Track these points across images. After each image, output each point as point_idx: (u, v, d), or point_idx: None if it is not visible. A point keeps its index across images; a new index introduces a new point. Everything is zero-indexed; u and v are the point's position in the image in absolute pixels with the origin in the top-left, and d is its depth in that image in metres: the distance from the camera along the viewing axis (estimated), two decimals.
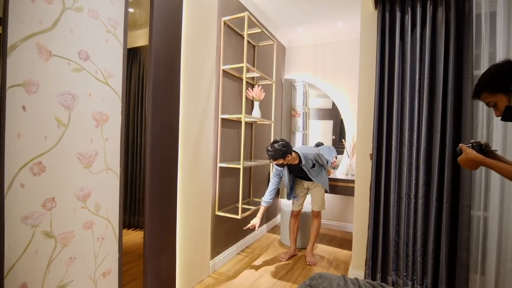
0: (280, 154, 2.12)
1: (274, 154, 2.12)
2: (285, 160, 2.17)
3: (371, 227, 1.99)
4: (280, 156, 2.13)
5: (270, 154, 2.13)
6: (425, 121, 1.81)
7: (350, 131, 3.41)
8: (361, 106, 2.15)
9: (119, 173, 1.34)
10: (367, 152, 2.12)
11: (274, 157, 2.13)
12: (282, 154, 2.13)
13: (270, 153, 2.13)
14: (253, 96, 2.58)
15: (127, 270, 2.19)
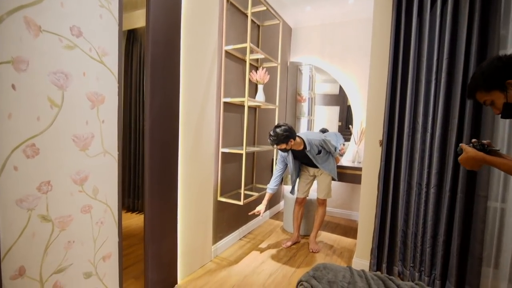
0: (282, 139, 2.06)
1: (276, 138, 2.06)
2: (288, 145, 2.11)
3: (378, 216, 1.93)
4: (282, 141, 2.06)
5: (272, 139, 2.07)
6: (441, 106, 1.70)
7: (358, 117, 3.30)
8: (372, 90, 2.05)
9: (117, 156, 1.30)
10: (377, 139, 2.03)
11: (275, 142, 2.07)
12: (284, 139, 2.06)
13: (272, 138, 2.07)
14: (257, 79, 2.48)
15: (131, 252, 2.21)
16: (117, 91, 1.28)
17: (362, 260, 2.09)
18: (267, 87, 2.86)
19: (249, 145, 2.66)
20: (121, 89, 1.30)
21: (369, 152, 2.08)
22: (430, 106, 1.77)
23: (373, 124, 2.04)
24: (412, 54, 1.79)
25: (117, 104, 1.28)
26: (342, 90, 3.45)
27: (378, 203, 1.93)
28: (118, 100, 1.28)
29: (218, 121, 2.16)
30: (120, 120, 1.29)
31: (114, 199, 1.29)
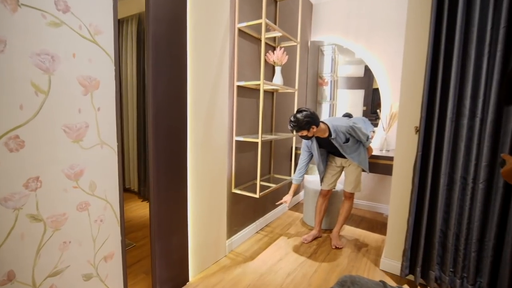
0: (302, 125, 1.86)
1: (296, 124, 1.87)
2: (310, 132, 1.91)
3: (413, 214, 1.70)
4: (302, 127, 1.87)
5: (292, 125, 1.89)
6: (495, 85, 1.41)
7: (386, 101, 2.99)
8: (407, 68, 1.76)
9: (117, 148, 1.17)
10: (412, 125, 1.76)
11: (296, 128, 1.88)
12: (305, 125, 1.87)
13: (292, 124, 1.89)
14: (274, 60, 2.26)
15: (145, 244, 2.15)
16: (113, 74, 1.14)
17: (392, 261, 1.89)
18: (286, 69, 2.63)
19: (265, 133, 2.48)
20: (118, 73, 1.15)
21: (403, 140, 1.82)
22: (480, 86, 1.48)
23: (408, 108, 1.77)
24: (459, 23, 1.49)
25: (114, 90, 1.14)
26: (367, 72, 3.15)
27: (413, 199, 1.69)
28: (115, 85, 1.14)
29: (231, 107, 1.99)
30: (118, 108, 1.16)
31: (114, 195, 1.18)
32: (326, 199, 2.35)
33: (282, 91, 2.55)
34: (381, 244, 2.29)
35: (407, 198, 1.80)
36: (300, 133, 1.92)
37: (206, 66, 1.67)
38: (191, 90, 1.57)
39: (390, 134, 2.86)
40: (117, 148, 1.17)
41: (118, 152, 1.18)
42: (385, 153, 2.64)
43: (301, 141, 3.25)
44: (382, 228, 2.62)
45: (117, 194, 1.19)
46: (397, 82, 2.90)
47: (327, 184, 2.30)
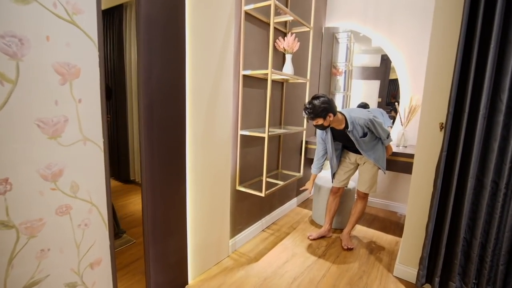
0: (319, 112, 1.70)
1: (312, 111, 1.71)
2: (326, 121, 1.75)
3: (433, 219, 1.53)
4: (318, 114, 1.71)
5: (308, 112, 1.73)
6: None
7: (406, 92, 2.76)
8: (434, 56, 1.55)
9: (103, 144, 1.05)
10: (436, 121, 1.57)
11: (311, 115, 1.72)
12: (322, 112, 1.70)
13: (307, 110, 1.73)
14: (285, 48, 2.07)
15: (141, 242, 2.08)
16: (97, 61, 1.00)
17: (408, 267, 1.73)
18: (297, 57, 2.43)
19: (274, 126, 2.32)
20: (103, 59, 1.01)
21: (425, 137, 1.63)
22: None
23: (432, 102, 1.58)
24: (500, 2, 1.26)
25: (98, 79, 1.01)
26: (384, 62, 2.93)
27: (434, 203, 1.52)
28: (99, 73, 1.01)
29: (236, 98, 1.83)
30: (103, 99, 1.03)
31: (101, 196, 1.07)
32: (337, 197, 2.20)
33: (293, 81, 2.37)
34: (394, 247, 2.14)
35: (427, 202, 1.63)
36: (315, 121, 1.75)
37: (208, 53, 1.52)
38: (190, 78, 1.43)
39: (408, 129, 2.65)
40: (103, 144, 1.05)
41: (105, 149, 1.05)
42: (402, 150, 2.45)
43: (312, 134, 3.09)
44: (396, 229, 2.46)
45: (104, 195, 1.07)
46: (417, 72, 2.66)
47: (339, 181, 2.15)
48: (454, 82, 1.41)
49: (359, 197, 2.11)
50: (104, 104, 1.03)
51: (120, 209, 2.67)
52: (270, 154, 2.34)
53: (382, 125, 1.87)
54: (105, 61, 1.31)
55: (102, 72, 1.01)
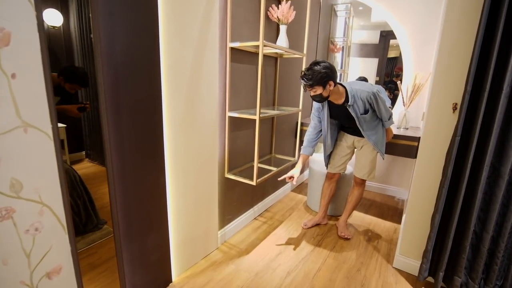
0: (318, 79, 1.48)
1: (311, 77, 1.48)
2: (325, 90, 1.53)
3: (440, 210, 1.39)
4: (318, 81, 1.48)
5: (307, 78, 1.50)
6: None
7: (409, 70, 2.56)
8: (450, 27, 1.34)
9: (51, 131, 0.84)
10: (449, 101, 1.39)
11: (310, 82, 1.49)
12: (321, 79, 1.48)
13: (306, 77, 1.50)
14: (279, 17, 1.82)
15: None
16: (35, 23, 0.77)
17: (408, 259, 1.63)
18: (292, 29, 2.18)
19: (266, 107, 2.11)
20: (42, 20, 0.78)
21: (434, 118, 1.46)
22: None
23: (445, 78, 1.39)
24: None
25: (38, 46, 0.78)
26: (383, 39, 2.74)
27: (443, 193, 1.37)
28: (39, 39, 0.78)
29: (223, 75, 1.61)
30: (48, 74, 0.81)
31: (54, 194, 0.88)
32: (333, 183, 2.05)
33: (288, 56, 2.13)
34: (393, 235, 2.03)
35: (433, 190, 1.49)
36: (314, 90, 1.53)
37: (187, 20, 1.27)
38: (165, 50, 1.20)
39: (410, 110, 2.48)
40: (53, 131, 0.84)
41: (55, 137, 0.85)
42: (403, 132, 2.28)
43: (308, 116, 2.89)
44: (394, 215, 2.36)
45: (59, 192, 0.89)
46: (423, 48, 2.45)
47: (334, 166, 1.98)
48: (474, 56, 1.21)
49: (356, 183, 1.96)
50: (50, 81, 0.81)
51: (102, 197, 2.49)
52: (263, 137, 2.16)
53: (386, 103, 1.67)
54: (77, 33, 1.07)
55: (43, 37, 0.78)
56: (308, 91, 1.56)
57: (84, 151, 1.28)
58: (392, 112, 1.76)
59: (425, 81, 2.30)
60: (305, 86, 1.54)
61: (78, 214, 1.35)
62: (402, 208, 2.52)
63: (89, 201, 1.38)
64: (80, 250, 1.35)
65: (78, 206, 1.35)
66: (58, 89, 0.96)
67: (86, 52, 1.22)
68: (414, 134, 2.20)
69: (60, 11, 1.11)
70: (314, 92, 1.54)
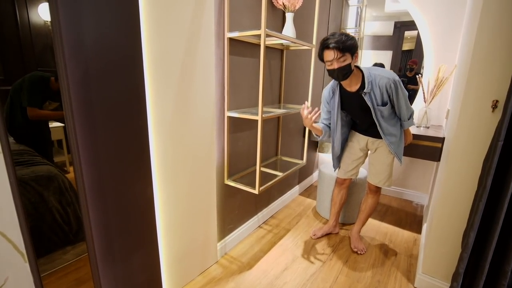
0: (347, 45, 1.28)
1: (341, 41, 1.28)
2: (353, 61, 1.34)
3: (476, 226, 1.18)
4: (350, 48, 1.29)
5: (334, 42, 1.28)
6: None
7: (431, 62, 2.31)
8: (487, 9, 1.11)
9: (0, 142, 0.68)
10: (488, 98, 1.17)
11: (340, 47, 1.28)
12: (353, 47, 1.30)
13: (333, 40, 1.28)
14: (285, 4, 1.62)
15: None
16: None
17: (433, 279, 1.42)
18: (300, 18, 1.97)
19: (272, 105, 1.92)
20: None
21: (468, 119, 1.23)
22: None
23: (483, 71, 1.16)
24: None
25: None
26: (397, 31, 2.55)
27: (480, 207, 1.16)
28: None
29: (221, 69, 1.43)
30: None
31: (8, 217, 0.72)
32: (344, 189, 1.84)
33: (295, 47, 1.93)
34: (413, 247, 1.82)
35: (465, 203, 1.27)
36: (344, 58, 1.30)
37: (175, 5, 1.09)
38: (148, 40, 1.02)
39: (432, 107, 2.24)
40: (1, 142, 0.68)
41: (4, 149, 0.69)
42: (424, 131, 2.06)
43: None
44: (412, 223, 2.14)
45: (14, 214, 0.73)
46: (446, 38, 2.20)
47: (345, 171, 1.76)
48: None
49: (370, 190, 1.74)
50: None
51: None
52: (267, 138, 1.97)
53: (407, 97, 1.45)
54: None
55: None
56: (335, 62, 1.32)
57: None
58: (413, 110, 1.54)
59: (449, 74, 2.06)
60: (334, 50, 1.29)
61: (67, 223, 1.21)
62: (421, 214, 2.30)
63: (80, 208, 1.24)
64: (69, 262, 1.23)
65: (68, 214, 1.22)
66: (58, 94, 0.82)
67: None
68: (436, 134, 1.97)
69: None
70: (343, 61, 1.31)
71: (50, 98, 1.02)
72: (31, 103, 0.98)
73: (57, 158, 1.21)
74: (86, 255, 1.22)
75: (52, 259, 1.21)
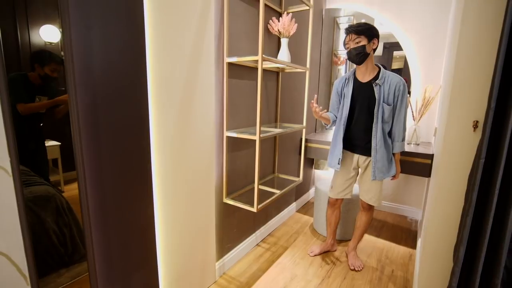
0: (366, 29, 1.50)
1: (358, 26, 1.51)
2: (369, 45, 1.51)
3: (465, 241, 1.22)
4: (365, 31, 1.50)
5: (353, 28, 1.51)
6: None
7: (418, 83, 2.44)
8: (466, 34, 1.22)
9: (10, 166, 0.72)
10: (469, 118, 1.25)
11: (355, 30, 1.50)
12: (369, 31, 1.50)
13: (353, 28, 1.51)
14: (280, 30, 1.72)
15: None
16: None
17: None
18: (294, 42, 2.09)
19: (268, 124, 1.99)
20: (2, 54, 0.67)
21: (452, 138, 1.31)
22: None
23: (464, 93, 1.26)
24: None
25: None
26: (386, 51, 2.66)
27: (467, 222, 1.21)
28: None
29: (220, 92, 1.50)
30: (5, 98, 0.69)
31: (13, 239, 0.74)
32: (337, 209, 1.85)
33: (290, 70, 2.03)
34: (409, 263, 1.85)
35: (454, 217, 1.32)
36: (358, 40, 1.50)
37: (179, 32, 1.17)
38: (153, 66, 1.09)
39: (421, 125, 2.34)
40: (11, 165, 0.72)
41: (14, 172, 0.72)
42: (414, 148, 2.14)
43: (312, 131, 2.76)
44: (408, 238, 2.17)
45: (19, 237, 0.75)
46: (431, 59, 2.34)
47: (337, 191, 1.77)
48: (497, 68, 1.08)
49: (363, 208, 1.77)
50: (8, 106, 0.69)
51: None
52: (265, 156, 2.02)
53: (406, 108, 1.58)
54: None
55: (2, 72, 0.67)
56: (350, 43, 1.52)
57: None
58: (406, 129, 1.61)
59: (435, 94, 2.17)
60: (350, 33, 1.52)
61: (63, 245, 1.21)
62: (416, 229, 2.33)
63: (76, 229, 1.24)
64: (63, 285, 1.22)
65: (64, 236, 1.22)
66: (42, 88, 0.86)
67: None
68: (426, 150, 2.05)
69: (59, 27, 1.02)
70: (357, 42, 1.51)
71: (38, 93, 1.01)
72: (17, 98, 0.97)
73: (52, 177, 1.22)
74: (80, 278, 1.22)
75: (46, 282, 1.20)
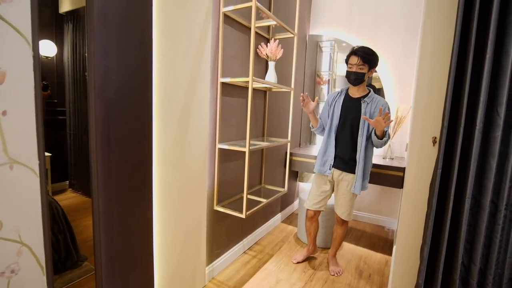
0: (373, 59, 1.65)
1: (367, 52, 1.64)
2: (368, 73, 1.68)
3: (428, 242, 1.40)
4: (372, 61, 1.65)
5: (361, 51, 1.63)
6: None
7: (391, 103, 2.69)
8: (424, 65, 1.46)
9: (38, 168, 0.83)
10: (429, 134, 1.47)
11: (363, 56, 1.62)
12: (374, 62, 1.66)
13: (359, 51, 1.64)
14: (267, 54, 1.93)
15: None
16: (31, 63, 0.79)
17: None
18: (280, 65, 2.30)
19: (256, 138, 2.15)
20: (39, 60, 0.81)
21: (417, 152, 1.52)
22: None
23: (424, 114, 1.48)
24: (496, 9, 1.18)
25: (32, 85, 0.80)
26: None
27: (429, 225, 1.39)
28: (34, 77, 0.80)
29: (214, 108, 1.66)
30: (39, 111, 0.82)
31: (35, 233, 0.84)
32: (315, 221, 1.95)
33: (276, 90, 2.23)
34: (385, 268, 2.00)
35: (420, 222, 1.51)
36: (362, 67, 1.64)
37: (180, 56, 1.34)
38: (158, 85, 1.24)
39: (395, 141, 2.58)
40: (39, 168, 0.83)
41: (41, 174, 0.84)
42: (389, 162, 2.36)
43: (296, 146, 2.95)
44: (384, 246, 2.34)
45: (40, 231, 0.85)
46: (403, 82, 2.61)
47: (313, 203, 1.86)
48: (448, 94, 1.31)
49: (338, 222, 1.88)
50: (41, 117, 0.82)
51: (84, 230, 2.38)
52: (252, 168, 2.17)
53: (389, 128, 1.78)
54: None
55: (37, 77, 0.80)
56: (354, 66, 1.64)
57: (68, 181, 1.24)
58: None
59: (406, 113, 2.43)
60: (358, 57, 1.62)
61: (57, 251, 1.27)
62: (392, 238, 2.51)
63: (70, 236, 1.31)
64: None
65: (59, 242, 1.28)
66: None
67: (78, 84, 1.24)
68: (399, 164, 2.27)
69: (55, 42, 1.14)
70: (361, 69, 1.64)
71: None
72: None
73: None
74: (72, 284, 1.28)
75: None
